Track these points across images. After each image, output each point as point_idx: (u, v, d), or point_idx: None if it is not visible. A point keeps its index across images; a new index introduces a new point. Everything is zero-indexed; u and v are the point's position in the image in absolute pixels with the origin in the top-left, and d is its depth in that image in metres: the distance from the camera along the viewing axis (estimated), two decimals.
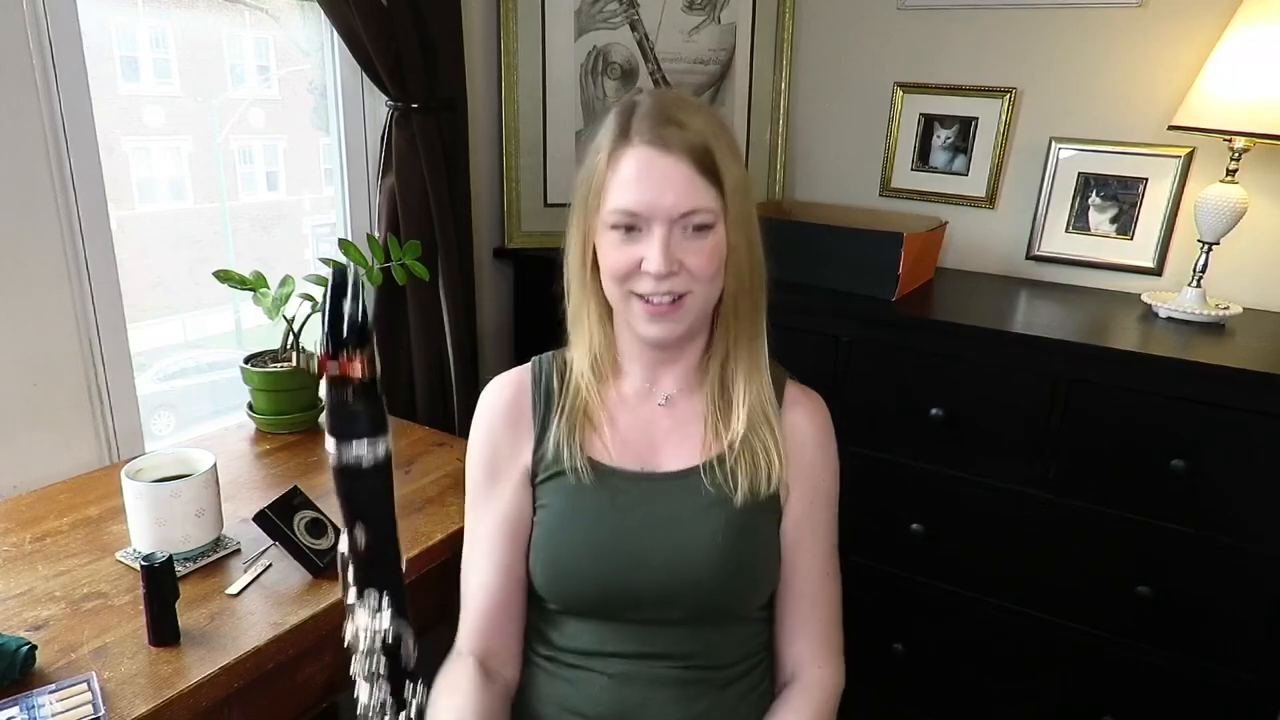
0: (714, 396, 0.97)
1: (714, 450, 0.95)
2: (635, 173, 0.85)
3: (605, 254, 0.89)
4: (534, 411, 0.99)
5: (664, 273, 0.85)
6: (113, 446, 1.33)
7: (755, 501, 0.93)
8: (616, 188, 0.86)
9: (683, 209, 0.85)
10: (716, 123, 0.89)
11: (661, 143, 0.85)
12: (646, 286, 0.87)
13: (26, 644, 0.83)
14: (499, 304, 2.10)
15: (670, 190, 0.85)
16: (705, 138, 0.86)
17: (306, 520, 1.04)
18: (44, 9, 1.15)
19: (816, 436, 1.00)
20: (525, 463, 0.97)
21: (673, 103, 0.88)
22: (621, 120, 0.88)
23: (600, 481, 0.94)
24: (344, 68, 1.64)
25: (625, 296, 0.90)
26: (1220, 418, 1.34)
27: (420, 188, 1.63)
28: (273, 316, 1.39)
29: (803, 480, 0.98)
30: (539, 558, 0.95)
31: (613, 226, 0.87)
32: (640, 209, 0.85)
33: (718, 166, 0.86)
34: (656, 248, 0.85)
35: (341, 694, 1.06)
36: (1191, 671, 1.46)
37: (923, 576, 1.66)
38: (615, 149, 0.87)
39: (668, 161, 0.85)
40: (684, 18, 1.97)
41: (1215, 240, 1.56)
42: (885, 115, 1.99)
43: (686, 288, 0.88)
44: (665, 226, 0.85)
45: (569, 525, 0.94)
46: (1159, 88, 1.70)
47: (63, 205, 1.22)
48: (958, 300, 1.73)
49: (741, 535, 0.92)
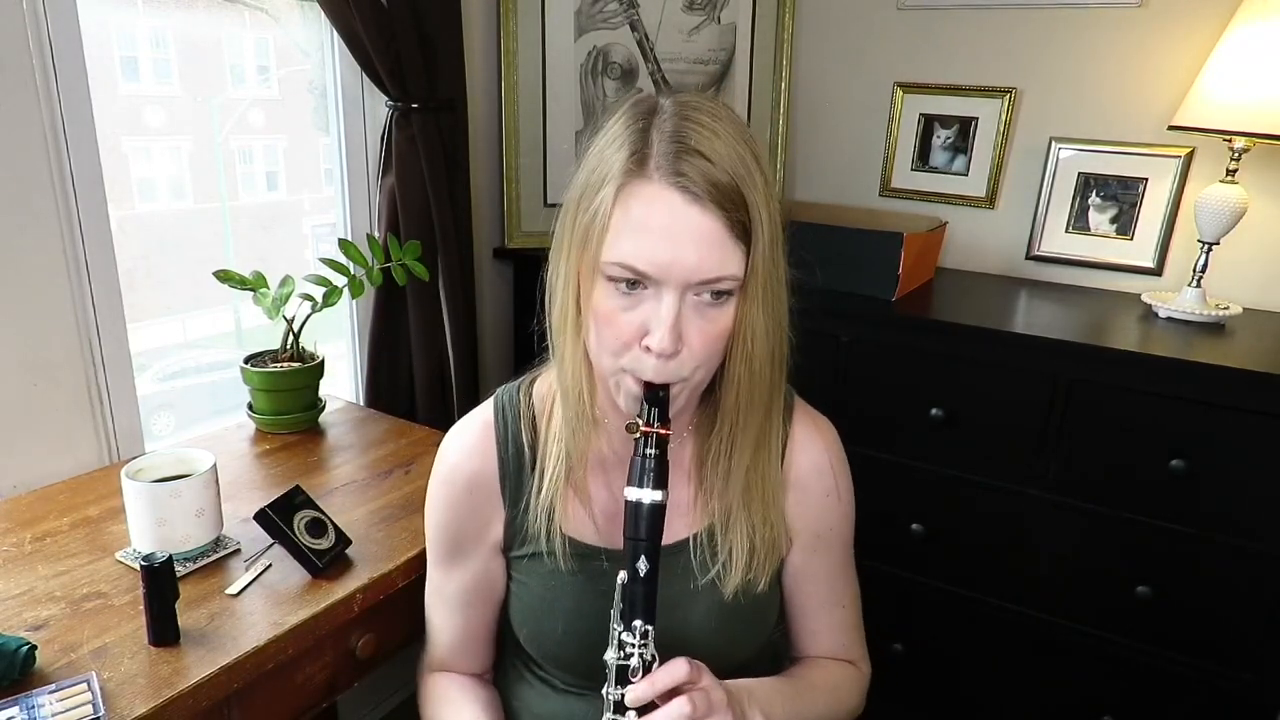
0: (709, 462, 0.84)
1: (703, 521, 0.85)
2: (649, 221, 0.68)
3: (599, 310, 0.73)
4: (503, 484, 0.88)
5: (670, 352, 0.70)
6: (113, 446, 1.33)
7: (750, 589, 0.85)
8: (624, 233, 0.69)
9: (704, 275, 0.69)
10: (751, 150, 0.71)
11: (686, 185, 0.67)
12: (646, 370, 0.72)
13: (26, 644, 0.83)
14: (499, 304, 2.10)
15: (692, 249, 0.68)
16: (737, 178, 0.68)
17: (307, 520, 1.04)
18: (44, 9, 1.15)
19: (824, 484, 0.89)
20: (496, 538, 0.89)
21: (701, 124, 0.70)
22: (637, 140, 0.70)
23: (581, 564, 0.85)
24: (344, 68, 1.64)
25: (616, 372, 0.75)
26: (1220, 418, 1.34)
27: (420, 188, 1.63)
28: (273, 316, 1.39)
29: (807, 531, 0.90)
30: (521, 631, 0.90)
31: (610, 278, 0.71)
32: (653, 270, 0.68)
33: (750, 220, 0.70)
34: (665, 321, 0.69)
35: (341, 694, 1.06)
36: (1191, 671, 1.46)
37: (923, 576, 1.66)
38: (626, 182, 0.69)
39: (692, 213, 0.68)
40: (684, 18, 1.97)
41: (1215, 240, 1.56)
42: (885, 115, 1.99)
43: (679, 375, 0.72)
44: (677, 294, 0.69)
45: (549, 612, 0.87)
46: (1159, 88, 1.70)
47: (63, 205, 1.22)
48: (958, 300, 1.73)
49: (737, 614, 0.86)
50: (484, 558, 0.91)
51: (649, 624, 0.71)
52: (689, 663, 0.70)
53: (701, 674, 0.71)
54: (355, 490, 1.24)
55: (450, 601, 0.93)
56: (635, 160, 0.69)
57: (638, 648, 0.70)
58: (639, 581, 0.70)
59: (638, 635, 0.70)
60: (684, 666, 0.69)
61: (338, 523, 1.08)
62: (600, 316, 0.73)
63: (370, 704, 1.90)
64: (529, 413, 0.88)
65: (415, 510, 1.19)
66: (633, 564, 0.70)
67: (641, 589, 0.70)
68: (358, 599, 1.00)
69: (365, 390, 1.74)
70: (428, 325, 1.71)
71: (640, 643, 0.70)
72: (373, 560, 1.06)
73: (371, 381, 1.73)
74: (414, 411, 1.76)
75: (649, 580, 0.70)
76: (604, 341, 0.73)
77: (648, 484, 0.71)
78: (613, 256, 0.70)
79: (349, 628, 1.02)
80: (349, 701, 1.83)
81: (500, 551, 0.91)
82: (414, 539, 1.11)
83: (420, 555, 1.08)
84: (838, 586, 0.95)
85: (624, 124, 0.72)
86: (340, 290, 1.45)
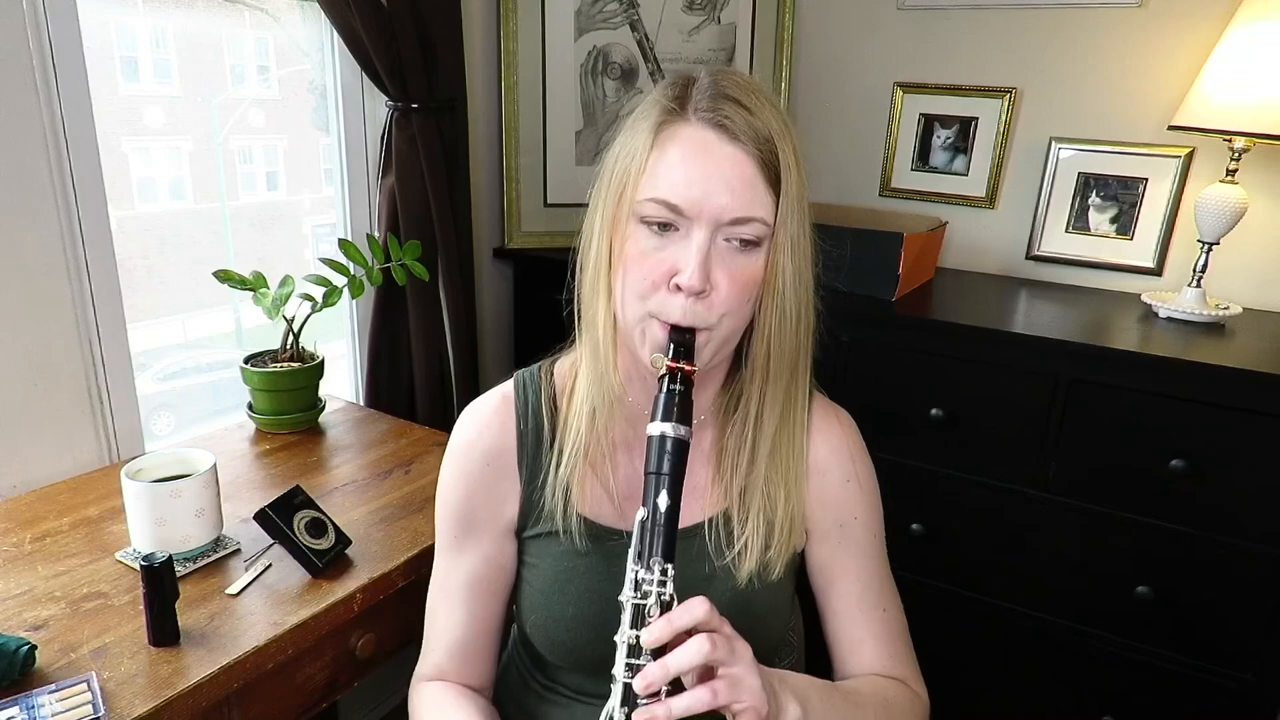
0: (730, 438, 0.83)
1: (720, 504, 0.84)
2: (687, 156, 0.70)
3: (629, 254, 0.74)
4: (520, 458, 0.86)
5: (699, 289, 0.70)
6: (113, 446, 1.33)
7: (764, 576, 0.83)
8: (660, 172, 0.71)
9: (735, 214, 0.70)
10: (783, 118, 0.73)
11: (723, 123, 0.70)
12: (673, 311, 0.71)
13: (26, 644, 0.83)
14: (499, 304, 2.10)
15: (725, 187, 0.70)
16: (772, 128, 0.71)
17: (307, 520, 1.04)
18: (44, 9, 1.15)
19: (843, 469, 0.88)
20: (510, 516, 0.87)
21: (739, 82, 0.73)
22: (676, 91, 0.73)
23: (595, 544, 0.83)
24: (344, 68, 1.64)
25: (642, 318, 0.74)
26: (1220, 418, 1.34)
27: (420, 188, 1.63)
28: (273, 316, 1.39)
29: (827, 521, 0.88)
30: (529, 619, 0.88)
31: (644, 219, 0.72)
32: (685, 204, 0.70)
33: (780, 168, 0.71)
34: (695, 257, 0.70)
35: (341, 694, 1.06)
36: (1191, 671, 1.46)
37: (923, 576, 1.66)
38: (665, 122, 0.72)
39: (728, 151, 0.70)
40: (684, 18, 1.97)
41: (1215, 240, 1.56)
42: (885, 115, 1.99)
43: (706, 320, 0.72)
44: (708, 231, 0.70)
45: (561, 594, 0.84)
46: (1159, 88, 1.70)
47: (63, 205, 1.22)
48: (958, 300, 1.73)
49: (750, 602, 0.83)
50: (496, 539, 0.88)
51: (668, 562, 0.66)
52: (708, 603, 0.64)
53: (724, 624, 0.66)
54: (355, 490, 1.25)
55: (456, 593, 0.89)
56: (676, 104, 0.72)
57: (655, 586, 0.66)
58: (659, 518, 0.67)
59: (656, 572, 0.66)
60: (704, 606, 0.63)
61: (338, 523, 1.08)
62: (630, 259, 0.73)
63: (370, 704, 1.90)
64: (550, 389, 0.87)
65: (415, 510, 1.19)
66: (654, 499, 0.67)
67: (663, 525, 0.67)
68: (358, 599, 1.01)
69: (365, 390, 1.74)
70: (428, 325, 1.71)
71: (660, 579, 0.66)
72: (373, 560, 1.06)
73: (371, 381, 1.73)
74: (414, 411, 1.76)
75: (670, 516, 0.67)
76: (632, 283, 0.74)
77: (673, 418, 0.69)
78: (648, 194, 0.71)
79: (349, 628, 1.03)
80: (349, 701, 1.83)
81: (512, 533, 0.88)
82: (414, 539, 1.11)
83: (420, 555, 1.08)
84: (874, 587, 0.90)
85: (664, 85, 0.76)
86: (340, 290, 1.45)
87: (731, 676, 0.63)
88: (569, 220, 2.03)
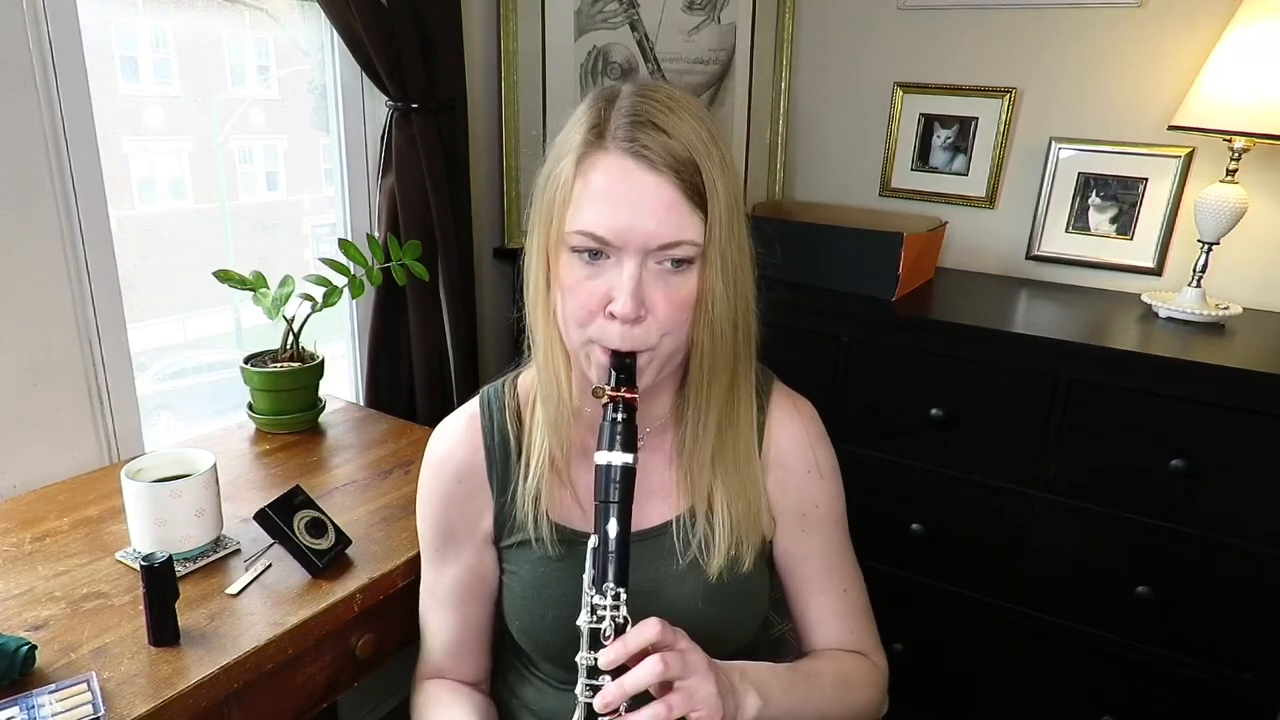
0: (686, 440, 0.85)
1: (685, 503, 0.87)
2: (607, 188, 0.71)
3: (565, 281, 0.75)
4: (490, 473, 0.89)
5: (632, 316, 0.71)
6: (113, 446, 1.33)
7: (735, 569, 0.86)
8: (585, 203, 0.72)
9: (662, 239, 0.71)
10: (708, 129, 0.74)
11: (641, 152, 0.70)
12: (612, 337, 0.73)
13: (26, 644, 0.83)
14: (499, 304, 2.10)
15: (649, 215, 0.70)
16: (693, 150, 0.72)
17: (307, 520, 1.04)
18: (44, 9, 1.15)
19: (804, 460, 0.90)
20: (486, 528, 0.91)
21: (658, 101, 0.73)
22: (595, 115, 0.74)
23: (569, 549, 0.86)
24: (344, 68, 1.64)
25: (584, 344, 0.76)
26: (1220, 418, 1.34)
27: (420, 188, 1.63)
28: (273, 316, 1.39)
29: (790, 511, 0.91)
30: (514, 623, 0.91)
31: (574, 249, 0.73)
32: (611, 235, 0.71)
33: (704, 188, 0.72)
34: (626, 285, 0.71)
35: (341, 694, 1.06)
36: (1191, 671, 1.46)
37: (923, 576, 1.66)
38: (585, 152, 0.73)
39: (649, 180, 0.70)
40: (684, 18, 1.97)
41: (1215, 240, 1.56)
42: (885, 115, 1.99)
43: (645, 342, 0.74)
44: (637, 259, 0.71)
45: (539, 599, 0.87)
46: (1159, 88, 1.70)
47: (63, 205, 1.22)
48: (958, 300, 1.73)
49: (724, 594, 0.86)
50: (476, 549, 0.91)
51: (620, 586, 0.70)
52: (660, 623, 0.69)
53: (678, 638, 0.70)
54: (355, 490, 1.25)
55: (444, 599, 0.94)
56: (594, 133, 0.73)
57: (609, 610, 0.70)
58: (610, 544, 0.70)
59: (609, 598, 0.70)
60: (655, 626, 0.68)
61: (338, 523, 1.08)
62: (566, 288, 0.75)
63: (370, 704, 1.90)
64: (513, 404, 0.90)
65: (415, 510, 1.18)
66: (604, 526, 0.71)
67: (615, 552, 0.70)
68: (358, 599, 1.01)
69: (365, 390, 1.74)
70: (428, 325, 1.71)
71: (612, 604, 0.70)
72: (373, 560, 1.06)
73: (371, 381, 1.73)
74: (414, 411, 1.76)
75: (620, 542, 0.70)
76: (570, 313, 0.75)
77: (617, 446, 0.72)
78: (574, 225, 0.72)
79: (349, 628, 1.03)
80: (349, 701, 1.83)
81: (491, 543, 0.91)
82: (414, 539, 1.10)
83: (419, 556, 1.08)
84: (835, 568, 0.94)
85: (585, 106, 0.76)
86: (340, 290, 1.45)
87: (686, 689, 0.68)
88: None
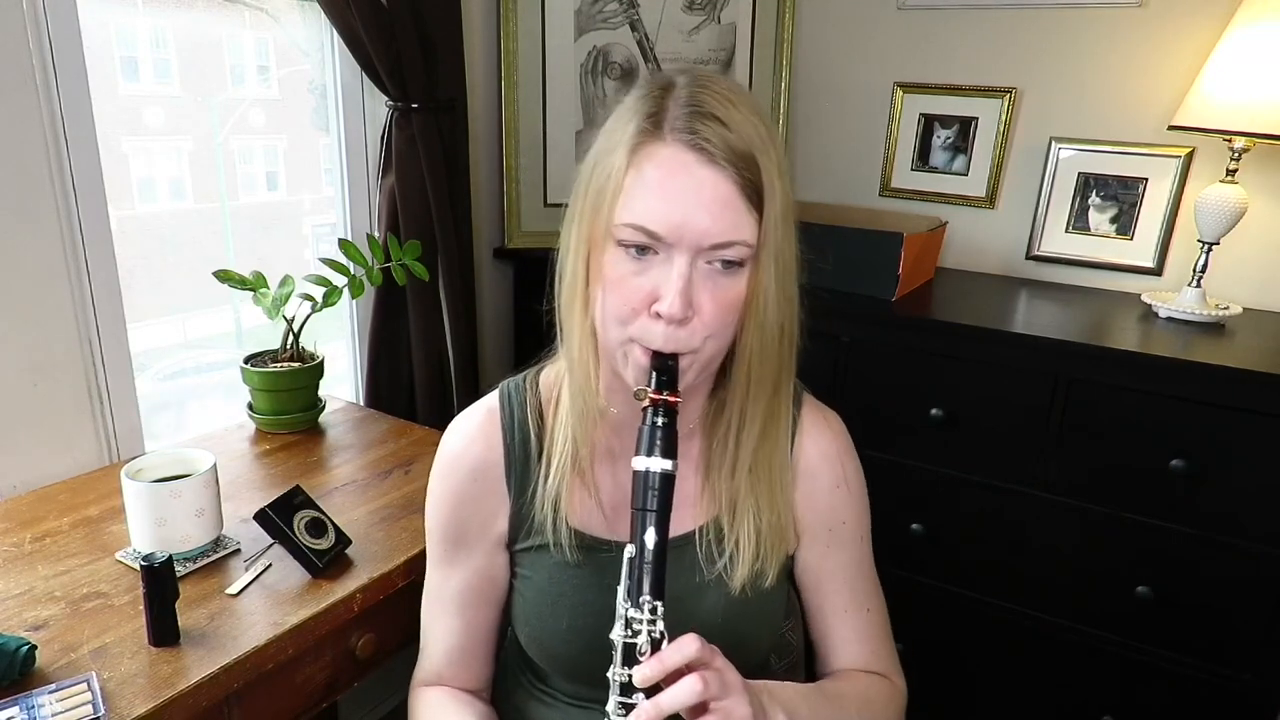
0: (716, 447, 0.82)
1: (710, 512, 0.83)
2: (663, 182, 0.67)
3: (608, 276, 0.71)
4: (508, 472, 0.85)
5: (680, 317, 0.68)
6: (113, 446, 1.33)
7: (758, 583, 0.83)
8: (637, 194, 0.68)
9: (716, 239, 0.67)
10: (765, 125, 0.70)
11: (702, 145, 0.67)
12: (655, 337, 0.69)
13: (26, 644, 0.83)
14: (499, 304, 2.10)
15: (704, 211, 0.67)
16: (753, 145, 0.68)
17: (307, 520, 1.04)
18: (44, 9, 1.15)
19: (833, 474, 0.87)
20: (500, 530, 0.87)
21: (718, 93, 0.69)
22: (652, 104, 0.69)
23: (586, 556, 0.83)
24: (344, 68, 1.64)
25: (623, 342, 0.73)
26: (1220, 418, 1.34)
27: (420, 188, 1.63)
28: (273, 316, 1.39)
29: (816, 525, 0.88)
30: (523, 631, 0.87)
31: (622, 243, 0.70)
32: (664, 230, 0.67)
33: (762, 187, 0.69)
34: (675, 284, 0.68)
35: (341, 694, 1.06)
36: (1191, 671, 1.46)
37: (923, 576, 1.66)
38: (640, 142, 0.69)
39: (706, 174, 0.67)
40: (684, 18, 1.97)
41: (1215, 240, 1.56)
42: (885, 115, 1.99)
43: (689, 344, 0.70)
44: (689, 257, 0.68)
45: (554, 607, 0.84)
46: (1159, 88, 1.70)
47: (63, 205, 1.22)
48: (958, 300, 1.73)
49: (745, 608, 0.83)
50: (486, 552, 0.87)
51: (658, 599, 0.66)
52: (699, 640, 0.64)
53: (715, 656, 0.66)
54: (355, 490, 1.25)
55: (450, 604, 0.90)
56: (651, 122, 0.69)
57: (646, 624, 0.66)
58: (647, 555, 0.67)
59: (646, 611, 0.66)
60: (695, 644, 0.64)
61: (338, 523, 1.08)
62: (609, 282, 0.71)
63: (370, 704, 1.90)
64: (535, 401, 0.86)
65: (415, 510, 1.19)
66: (640, 536, 0.67)
67: (652, 563, 0.66)
68: (358, 599, 1.01)
69: (365, 390, 1.74)
70: (428, 325, 1.71)
71: (649, 619, 0.66)
72: (373, 560, 1.06)
73: (371, 381, 1.73)
74: (414, 411, 1.76)
75: (658, 553, 0.67)
76: (612, 309, 0.71)
77: (656, 452, 0.68)
78: (625, 218, 0.69)
79: (349, 628, 1.03)
80: (349, 701, 1.83)
81: (503, 546, 0.88)
82: (414, 539, 1.11)
83: (420, 555, 1.08)
84: (860, 588, 0.91)
85: (639, 94, 0.72)
86: (340, 290, 1.45)
87: (723, 709, 0.64)
88: None
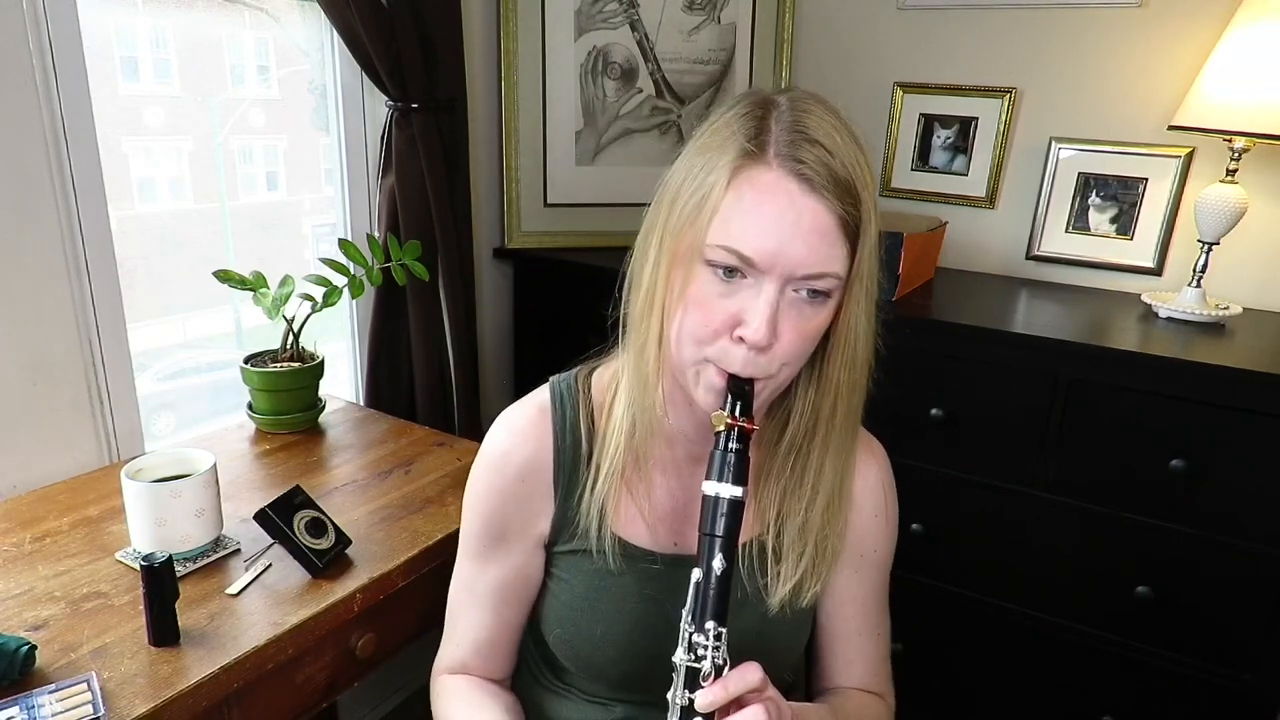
0: (776, 466, 0.81)
1: (755, 528, 0.82)
2: (762, 207, 0.66)
3: (692, 294, 0.70)
4: (556, 474, 0.84)
5: (764, 344, 0.67)
6: (113, 446, 1.33)
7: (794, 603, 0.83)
8: (733, 217, 0.67)
9: (809, 269, 0.66)
10: (864, 150, 0.69)
11: (805, 173, 0.65)
12: (734, 361, 0.69)
13: (26, 644, 0.83)
14: (499, 304, 2.10)
15: (801, 242, 0.66)
16: (853, 174, 0.67)
17: (307, 520, 1.04)
18: (44, 9, 1.15)
19: (875, 504, 0.88)
20: (541, 530, 0.86)
21: (821, 118, 0.68)
22: (754, 127, 0.68)
23: (628, 565, 0.82)
24: (344, 68, 1.64)
25: (698, 362, 0.71)
26: (1220, 418, 1.34)
27: (420, 188, 1.63)
28: (273, 316, 1.39)
29: (850, 550, 0.87)
30: (553, 632, 0.87)
31: (711, 263, 0.68)
32: (759, 257, 0.66)
33: (861, 220, 0.68)
34: (763, 311, 0.67)
35: (341, 694, 1.06)
36: (1191, 671, 1.46)
37: (923, 576, 1.66)
38: (743, 165, 0.67)
39: (807, 204, 0.66)
40: (684, 18, 1.97)
41: (1215, 240, 1.56)
42: (885, 115, 1.99)
43: (767, 370, 0.69)
44: (778, 285, 0.67)
45: (590, 612, 0.84)
46: (1159, 88, 1.70)
47: (63, 205, 1.22)
48: (958, 300, 1.73)
49: (779, 628, 0.84)
50: (525, 551, 0.87)
51: (722, 626, 0.67)
52: (761, 669, 0.66)
53: (768, 684, 0.67)
54: (355, 490, 1.25)
55: (482, 597, 0.89)
56: (755, 144, 0.67)
57: (710, 650, 0.67)
58: (713, 580, 0.67)
59: (710, 637, 0.67)
60: (758, 672, 0.65)
61: (338, 523, 1.08)
62: (692, 301, 0.70)
63: (370, 704, 1.90)
64: (587, 403, 0.85)
65: (415, 510, 1.19)
66: (708, 561, 0.67)
67: (716, 588, 0.67)
68: (358, 599, 1.01)
69: (365, 390, 1.74)
70: (428, 325, 1.71)
71: (714, 645, 0.67)
72: (373, 560, 1.06)
73: (371, 381, 1.73)
74: (414, 411, 1.76)
75: (724, 579, 0.67)
76: (691, 327, 0.70)
77: (728, 478, 0.68)
78: (719, 239, 0.67)
79: (349, 628, 1.02)
80: (349, 701, 1.83)
81: (542, 546, 0.87)
82: (414, 539, 1.11)
83: (421, 555, 1.08)
84: (874, 615, 0.92)
85: (739, 112, 0.70)
86: (340, 290, 1.45)
87: None
88: (569, 220, 2.03)
